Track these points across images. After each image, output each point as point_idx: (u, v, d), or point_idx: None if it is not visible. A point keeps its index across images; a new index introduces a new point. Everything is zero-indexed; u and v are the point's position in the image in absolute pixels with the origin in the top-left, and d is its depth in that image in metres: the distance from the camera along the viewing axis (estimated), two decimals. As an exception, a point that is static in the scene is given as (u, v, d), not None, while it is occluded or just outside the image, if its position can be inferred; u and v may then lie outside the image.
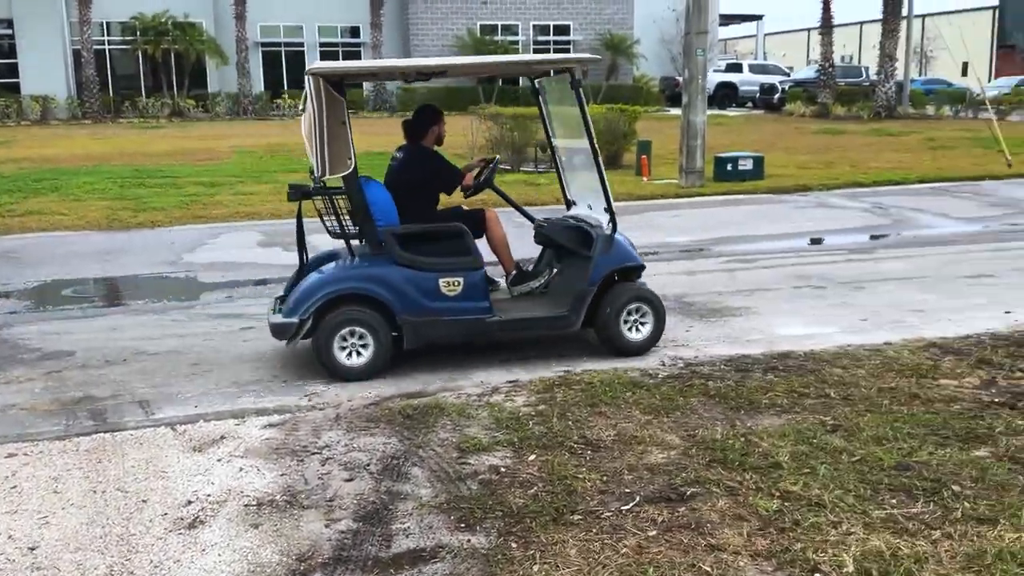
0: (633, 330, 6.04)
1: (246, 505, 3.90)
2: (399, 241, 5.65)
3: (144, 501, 3.95)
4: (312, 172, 5.58)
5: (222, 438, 4.67)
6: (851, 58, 62.08)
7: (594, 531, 3.57)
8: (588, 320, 5.93)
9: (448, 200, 6.49)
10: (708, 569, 3.26)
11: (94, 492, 4.05)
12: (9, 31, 34.23)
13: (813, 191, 15.16)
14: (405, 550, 3.49)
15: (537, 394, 5.23)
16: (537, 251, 6.80)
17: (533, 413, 4.91)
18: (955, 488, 3.80)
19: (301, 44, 37.54)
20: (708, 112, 16.24)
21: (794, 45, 70.88)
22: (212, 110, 34.50)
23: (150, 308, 7.89)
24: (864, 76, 37.44)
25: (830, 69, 32.98)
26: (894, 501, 3.73)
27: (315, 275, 5.70)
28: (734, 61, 43.37)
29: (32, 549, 3.55)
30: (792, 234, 11.43)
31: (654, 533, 3.54)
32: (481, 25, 37.73)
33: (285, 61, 37.80)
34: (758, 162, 16.26)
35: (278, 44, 37.69)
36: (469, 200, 6.97)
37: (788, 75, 40.48)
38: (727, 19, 50.31)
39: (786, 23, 67.11)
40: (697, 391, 5.21)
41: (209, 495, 4.00)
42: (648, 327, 6.07)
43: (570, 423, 4.73)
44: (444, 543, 3.51)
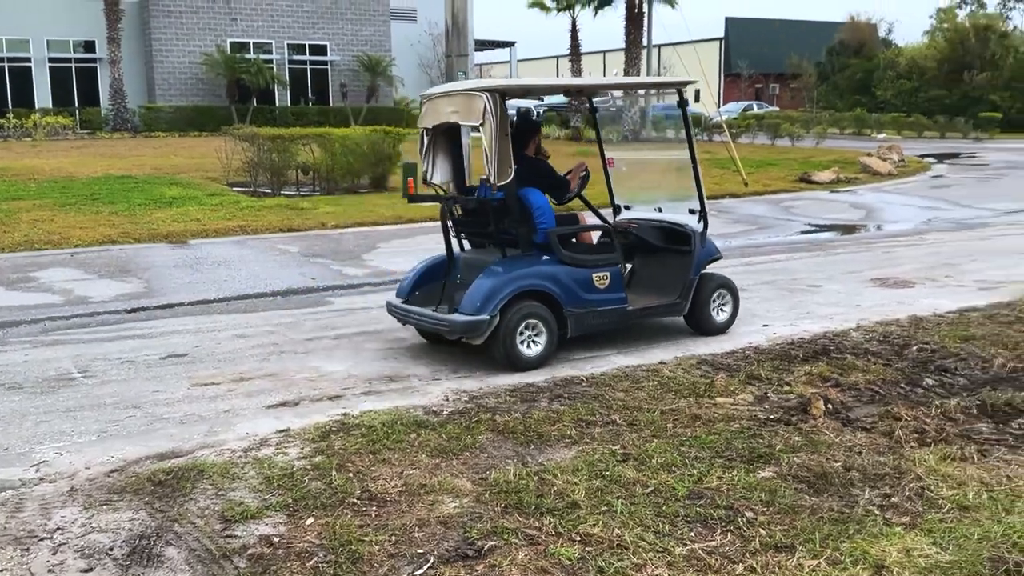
0: (717, 313, 7.08)
1: (-52, 620, 3.13)
2: (561, 241, 6.34)
3: None
4: (426, 180, 6.62)
5: (-82, 532, 3.79)
6: (598, 84, 65.47)
7: (385, 604, 3.16)
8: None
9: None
10: (515, 636, 2.95)
11: None
12: None
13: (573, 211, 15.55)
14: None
15: (312, 444, 4.74)
16: None
17: (309, 467, 4.42)
18: (748, 515, 3.76)
19: (28, 60, 34.05)
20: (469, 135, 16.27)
21: (545, 71, 73.97)
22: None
23: None
24: (611, 102, 39.56)
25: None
26: (692, 534, 3.62)
27: (490, 276, 6.11)
28: (491, 85, 44.28)
29: None
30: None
31: (452, 598, 3.19)
32: (231, 43, 36.02)
33: (9, 79, 34.03)
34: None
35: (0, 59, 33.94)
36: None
37: (542, 100, 41.95)
38: (481, 44, 51.39)
39: (537, 50, 69.96)
40: (485, 427, 4.94)
41: None
42: (728, 309, 7.17)
43: (351, 475, 4.28)
44: (208, 641, 2.96)
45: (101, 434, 4.99)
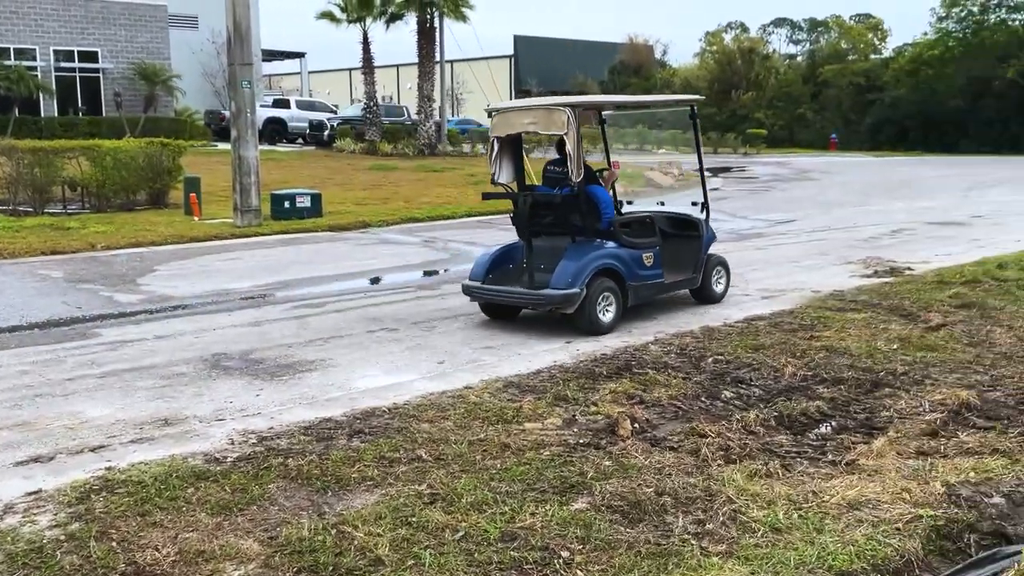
0: (717, 285, 8.76)
1: None
2: (626, 226, 7.82)
3: None
4: (494, 181, 7.80)
5: None
6: (391, 98, 65.30)
7: None
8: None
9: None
10: None
11: None
12: None
13: (373, 227, 15.14)
14: None
15: (68, 508, 4.06)
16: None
17: (63, 537, 3.76)
18: (565, 554, 3.53)
19: None
20: (260, 147, 15.45)
21: (338, 83, 72.70)
22: None
23: None
24: (406, 115, 39.27)
25: (375, 108, 34.02)
26: (508, 582, 3.34)
27: (574, 258, 7.45)
28: (281, 97, 42.82)
29: None
30: (358, 273, 11.12)
31: None
32: (-12, 48, 32.59)
33: None
34: (316, 199, 15.85)
35: None
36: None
37: (335, 112, 41.04)
38: (270, 55, 49.74)
39: (330, 62, 68.55)
40: (275, 473, 4.44)
41: None
42: (723, 282, 8.86)
43: (114, 545, 3.67)
44: None
45: None
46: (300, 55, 52.38)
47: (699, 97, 9.48)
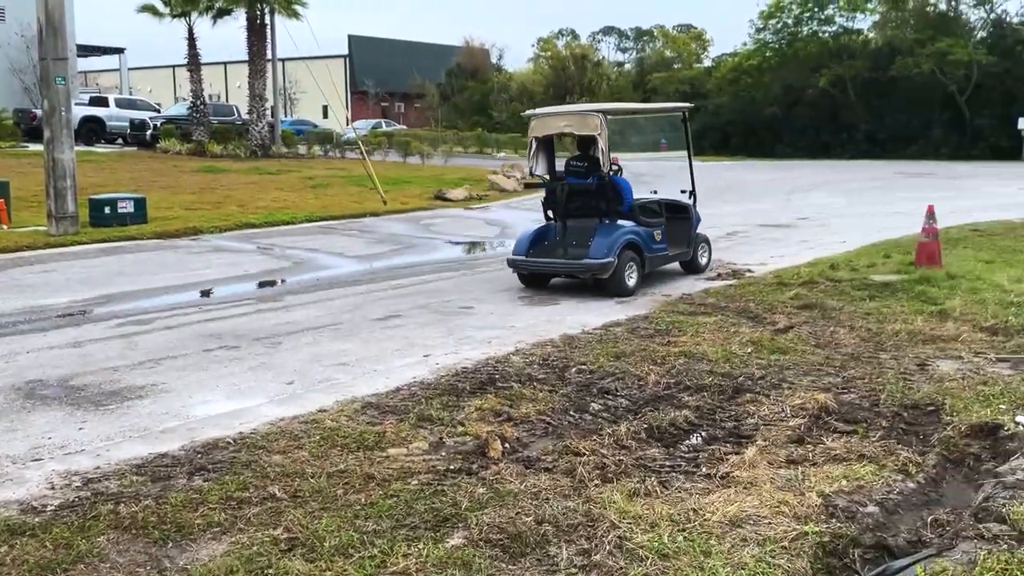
0: (701, 257, 10.69)
1: None
2: (642, 210, 9.73)
3: None
4: (531, 173, 9.99)
5: None
6: (219, 96, 62.62)
7: None
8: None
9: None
10: None
11: None
12: None
13: (205, 234, 14.24)
14: None
15: None
16: None
17: None
18: (446, 600, 3.22)
19: None
20: (76, 148, 14.20)
21: (161, 81, 69.06)
22: None
23: None
24: (236, 115, 37.60)
25: (202, 107, 32.36)
26: (385, 638, 2.99)
27: (605, 234, 9.18)
28: (98, 95, 40.01)
29: None
30: (191, 285, 10.34)
31: None
32: None
33: None
34: (140, 204, 14.76)
35: None
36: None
37: (158, 111, 38.79)
38: (86, 50, 46.44)
39: (153, 58, 64.99)
40: (105, 523, 3.88)
41: None
42: (706, 256, 10.83)
43: (-96, 629, 3.06)
44: None
45: None
46: (119, 51, 49.26)
47: (690, 105, 11.51)
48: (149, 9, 30.34)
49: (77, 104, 31.16)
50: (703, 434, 5.02)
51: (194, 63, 31.90)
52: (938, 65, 40.97)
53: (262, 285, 10.48)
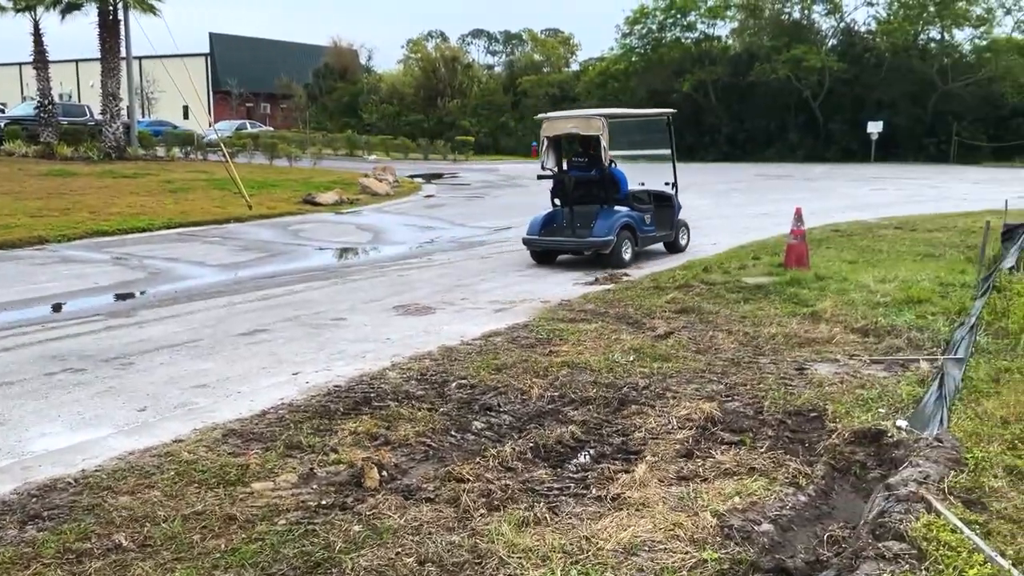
0: (682, 239, 12.79)
1: None
2: (634, 198, 11.94)
3: None
4: (543, 167, 11.74)
5: None
6: (71, 96, 59.15)
7: None
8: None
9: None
10: None
11: None
12: None
13: (52, 243, 13.19)
14: None
15: None
16: None
17: None
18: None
19: None
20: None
21: (5, 79, 64.71)
22: None
23: None
24: (88, 115, 35.43)
25: (51, 107, 30.31)
26: None
27: (606, 218, 11.34)
28: (-69, 92, 36.98)
29: None
30: (33, 300, 9.47)
31: None
32: None
33: None
34: (-24, 212, 13.51)
35: None
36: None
37: (3, 111, 36.19)
38: (-84, 43, 42.90)
39: (-7, 54, 60.75)
40: (-88, 593, 3.32)
41: None
42: (686, 238, 12.93)
43: None
44: None
45: None
46: (-46, 45, 45.75)
47: (673, 111, 13.47)
48: (-13, 1, 28.17)
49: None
50: (591, 452, 4.81)
51: (41, 60, 29.86)
52: (793, 71, 42.83)
53: (115, 299, 9.71)
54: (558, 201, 11.74)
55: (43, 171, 23.70)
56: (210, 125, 27.21)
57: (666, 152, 13.15)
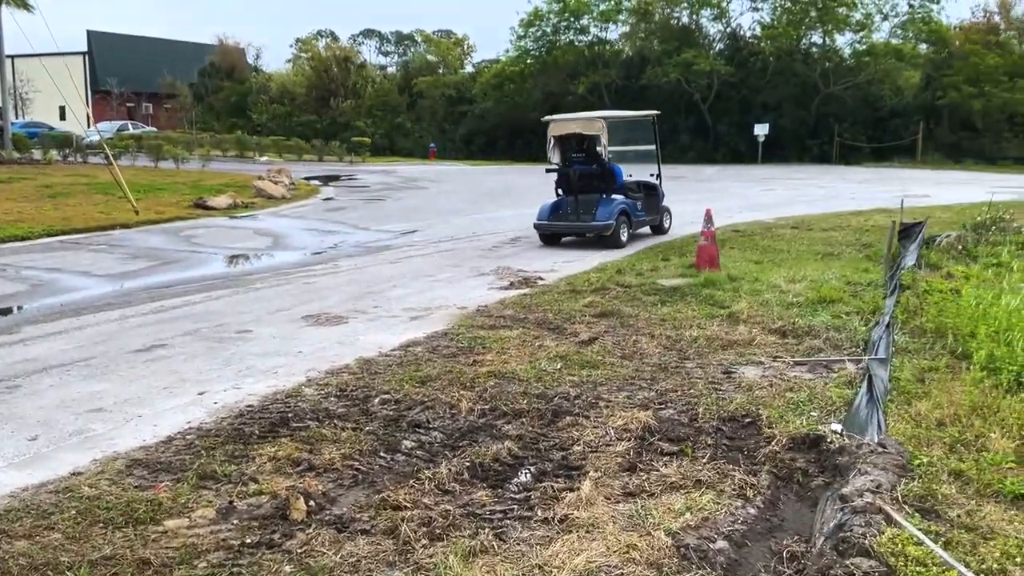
0: (665, 222, 14.72)
1: None
2: (628, 188, 13.86)
3: None
4: (550, 161, 13.71)
5: None
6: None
7: None
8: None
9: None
10: None
11: None
12: None
13: (-84, 255, 12.12)
14: None
15: None
16: None
17: None
18: None
19: None
20: None
21: None
22: None
23: None
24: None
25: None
26: None
27: (606, 205, 13.19)
28: None
29: None
30: None
31: None
32: None
33: None
34: None
35: None
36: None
37: None
38: None
39: None
40: None
41: None
42: (668, 221, 14.83)
43: None
44: None
45: None
46: None
47: (657, 112, 15.59)
48: None
49: None
50: (531, 469, 4.58)
51: None
52: (683, 75, 43.76)
53: (6, 312, 8.96)
54: (561, 191, 13.67)
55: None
56: (91, 126, 25.73)
57: (650, 148, 15.13)
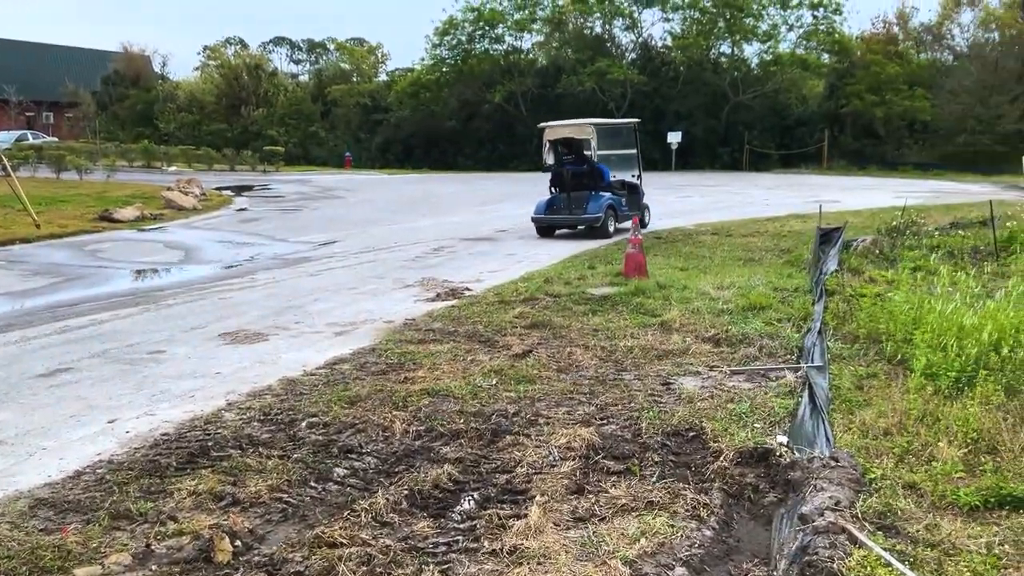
0: (647, 217, 16.57)
1: None
2: (613, 187, 16.03)
3: None
4: (544, 163, 16.41)
5: None
6: None
7: None
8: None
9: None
10: None
11: None
12: None
13: None
14: None
15: None
16: None
17: None
18: None
19: None
20: None
21: None
22: None
23: None
24: None
25: None
26: None
27: (596, 200, 15.21)
28: None
29: None
30: None
31: None
32: None
33: None
34: None
35: None
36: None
37: None
38: None
39: None
40: None
41: None
42: (649, 216, 16.90)
43: None
44: None
45: None
46: None
47: (637, 120, 18.99)
48: None
49: None
50: (474, 495, 4.34)
51: None
52: (598, 83, 44.19)
53: None
54: (555, 189, 15.82)
55: None
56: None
57: (632, 152, 17.60)
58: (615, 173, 16.34)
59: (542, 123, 16.27)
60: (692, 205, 23.46)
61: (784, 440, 4.89)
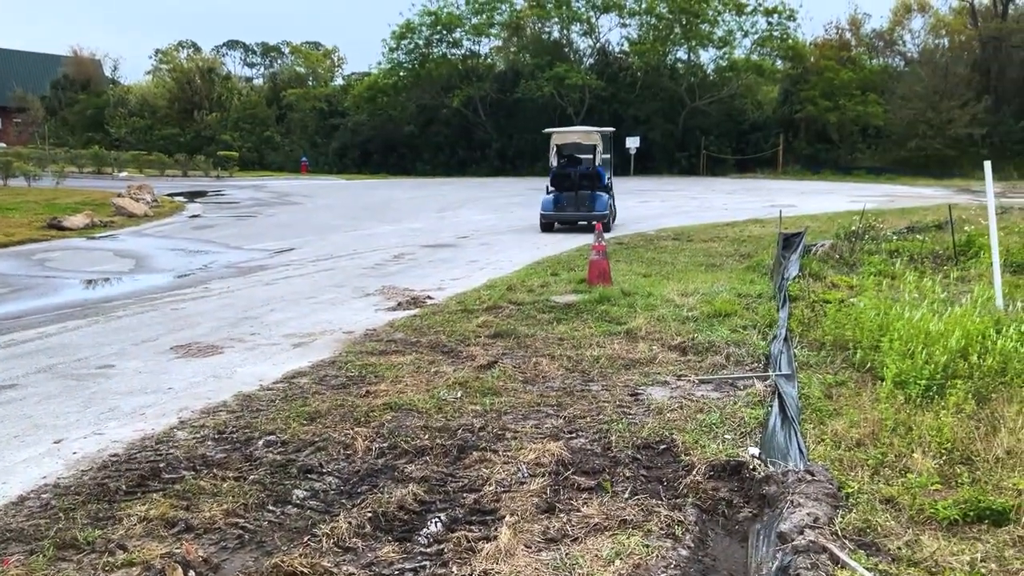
0: (613, 220, 19.08)
1: None
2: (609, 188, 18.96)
3: None
4: (551, 166, 18.64)
5: None
6: None
7: None
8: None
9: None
10: None
11: None
12: None
13: None
14: None
15: None
16: None
17: None
18: None
19: None
20: None
21: None
22: None
23: None
24: None
25: None
26: None
27: (599, 199, 17.51)
28: None
29: None
30: None
31: None
32: None
33: None
34: None
35: None
36: None
37: None
38: None
39: None
40: None
41: None
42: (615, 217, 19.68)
43: None
44: None
45: None
46: None
47: (612, 129, 21.58)
48: None
49: None
50: (441, 516, 4.16)
51: None
52: (557, 88, 44.26)
53: None
54: (554, 188, 17.70)
55: None
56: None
57: (606, 156, 19.22)
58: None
59: (548, 129, 18.80)
60: (652, 210, 23.52)
61: (756, 452, 4.80)
